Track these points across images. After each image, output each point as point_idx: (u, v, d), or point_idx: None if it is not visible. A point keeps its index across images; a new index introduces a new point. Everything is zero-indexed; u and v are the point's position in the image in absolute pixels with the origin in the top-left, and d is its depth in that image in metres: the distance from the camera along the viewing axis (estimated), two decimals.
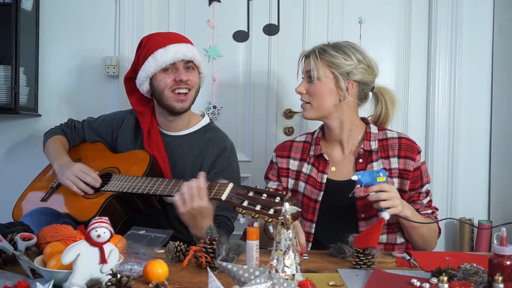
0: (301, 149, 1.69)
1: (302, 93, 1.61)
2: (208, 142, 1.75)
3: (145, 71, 1.66)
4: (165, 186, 1.49)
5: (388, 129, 1.66)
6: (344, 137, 1.62)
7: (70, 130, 1.91)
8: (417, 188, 1.57)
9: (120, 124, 1.85)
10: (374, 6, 2.37)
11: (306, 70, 1.61)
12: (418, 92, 2.38)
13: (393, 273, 1.19)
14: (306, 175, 1.63)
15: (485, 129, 2.35)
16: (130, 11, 2.32)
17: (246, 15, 2.37)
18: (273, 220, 1.19)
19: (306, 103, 1.61)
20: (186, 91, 1.67)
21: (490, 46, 2.34)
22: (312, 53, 1.59)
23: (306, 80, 1.61)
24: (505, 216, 2.17)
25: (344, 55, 1.56)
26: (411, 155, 1.56)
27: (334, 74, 1.56)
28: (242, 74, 2.39)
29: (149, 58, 1.65)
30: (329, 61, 1.55)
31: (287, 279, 0.86)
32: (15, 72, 2.09)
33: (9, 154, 2.36)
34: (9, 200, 2.45)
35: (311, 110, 1.61)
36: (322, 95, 1.57)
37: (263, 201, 1.23)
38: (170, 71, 1.66)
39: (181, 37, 1.72)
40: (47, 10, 2.33)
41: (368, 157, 1.59)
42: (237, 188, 1.31)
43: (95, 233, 1.00)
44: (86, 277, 0.99)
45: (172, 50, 1.64)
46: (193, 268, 1.22)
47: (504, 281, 0.95)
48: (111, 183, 1.62)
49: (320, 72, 1.55)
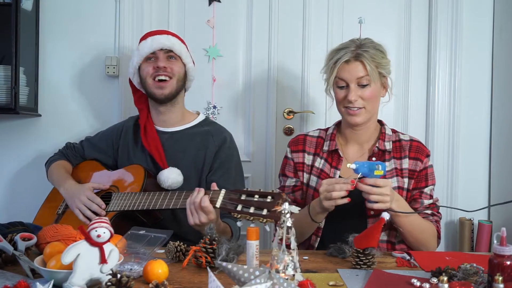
0: (315, 143, 1.69)
1: (356, 100, 1.54)
2: (208, 134, 1.79)
3: (132, 63, 1.80)
4: (166, 200, 1.52)
5: (400, 132, 1.68)
6: (366, 135, 1.63)
7: (70, 151, 1.95)
8: (420, 187, 1.58)
9: (120, 135, 1.89)
10: (374, 6, 2.36)
11: (357, 76, 1.52)
12: (418, 92, 2.38)
13: (393, 273, 1.19)
14: (319, 169, 1.64)
15: (485, 129, 2.35)
16: (130, 11, 2.32)
17: (246, 15, 2.37)
18: (267, 221, 1.20)
19: (361, 108, 1.55)
20: (165, 78, 1.74)
21: (490, 46, 2.34)
22: (363, 57, 1.51)
23: (357, 86, 1.53)
24: (505, 216, 2.17)
25: (383, 53, 1.57)
26: (421, 157, 1.59)
27: (381, 74, 1.56)
28: (242, 74, 2.39)
29: (135, 51, 1.81)
30: (378, 62, 1.54)
31: (287, 279, 0.86)
32: (15, 72, 2.08)
33: (9, 154, 2.35)
34: (9, 200, 2.45)
35: (365, 114, 1.57)
36: (377, 98, 1.58)
37: (256, 203, 1.24)
38: (151, 60, 1.76)
39: (164, 31, 1.83)
40: (47, 10, 2.32)
41: (382, 156, 1.60)
42: (229, 193, 1.33)
43: (95, 233, 1.00)
44: (86, 277, 0.99)
45: (150, 40, 1.75)
46: (193, 268, 1.22)
47: (504, 281, 0.95)
48: (112, 203, 1.65)
49: (375, 75, 1.53)
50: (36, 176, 2.33)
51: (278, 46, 2.37)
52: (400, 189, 1.57)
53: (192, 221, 1.39)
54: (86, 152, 1.93)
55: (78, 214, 1.67)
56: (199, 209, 1.37)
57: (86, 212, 1.66)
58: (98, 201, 1.67)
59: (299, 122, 2.39)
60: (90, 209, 1.66)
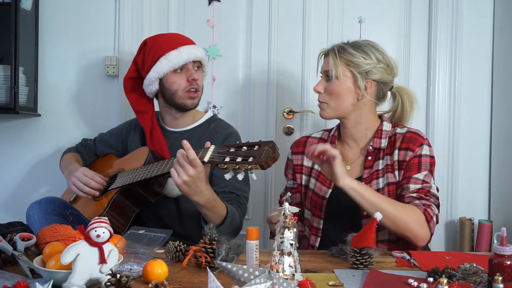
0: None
1: (320, 92, 1.60)
2: (213, 131, 1.80)
3: (157, 72, 1.71)
4: (161, 166, 1.53)
5: (401, 126, 1.63)
6: (359, 135, 1.62)
7: (84, 148, 2.00)
8: (408, 176, 1.50)
9: (129, 131, 1.92)
10: (374, 6, 2.36)
11: (324, 69, 1.60)
12: (418, 92, 2.36)
13: (390, 273, 1.19)
14: (317, 171, 1.64)
15: (485, 129, 2.35)
16: (130, 11, 2.31)
17: (246, 15, 2.37)
18: (252, 167, 1.20)
19: (323, 102, 1.60)
20: (195, 90, 1.74)
21: (490, 46, 2.33)
22: (331, 52, 1.57)
23: (324, 79, 1.60)
24: (505, 216, 2.17)
25: (363, 54, 1.55)
26: (412, 147, 1.52)
27: (353, 73, 1.55)
28: (242, 74, 2.39)
29: (162, 59, 1.69)
30: (348, 59, 1.54)
31: (287, 279, 0.85)
32: (15, 72, 2.08)
33: (9, 154, 2.35)
34: (9, 199, 2.45)
35: (328, 109, 1.60)
36: (340, 94, 1.56)
37: (243, 153, 1.24)
38: (180, 71, 1.72)
39: (189, 39, 1.80)
40: (46, 10, 2.32)
41: (377, 155, 1.58)
42: (218, 148, 1.33)
43: (94, 233, 1.00)
44: (86, 277, 0.99)
45: (185, 51, 1.71)
46: (193, 268, 1.22)
47: (504, 281, 0.94)
48: (116, 181, 1.70)
49: (338, 70, 1.54)
50: (36, 176, 2.34)
51: (278, 46, 2.36)
52: (390, 185, 1.53)
53: (180, 180, 1.34)
54: (98, 148, 1.97)
55: (76, 192, 1.71)
56: (187, 162, 1.34)
57: (84, 189, 1.69)
58: (97, 178, 1.70)
59: (299, 122, 2.38)
60: (88, 186, 1.69)
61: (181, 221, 1.74)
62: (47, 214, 1.58)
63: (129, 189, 1.65)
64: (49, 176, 2.30)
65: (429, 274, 1.13)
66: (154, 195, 1.69)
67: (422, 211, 1.43)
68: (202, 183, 1.38)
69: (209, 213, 1.45)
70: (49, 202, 1.64)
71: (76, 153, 1.98)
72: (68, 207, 1.68)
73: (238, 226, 1.59)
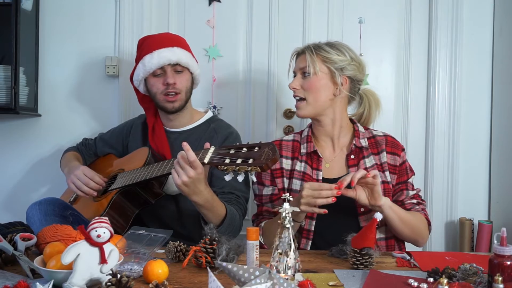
0: (291, 147, 1.69)
1: (296, 88, 1.62)
2: (213, 131, 1.80)
3: (137, 75, 1.76)
4: (161, 167, 1.54)
5: (372, 129, 1.72)
6: (335, 133, 1.66)
7: (84, 148, 2.01)
8: (404, 181, 1.62)
9: (129, 131, 1.92)
10: (374, 6, 2.36)
11: (300, 66, 1.63)
12: (418, 92, 2.38)
13: (390, 274, 1.19)
14: (301, 172, 1.63)
15: (485, 129, 2.35)
16: (130, 11, 2.32)
17: (246, 15, 2.37)
18: (252, 169, 1.20)
19: (302, 99, 1.62)
20: (174, 94, 1.73)
21: (490, 46, 2.34)
22: (307, 49, 1.62)
23: (300, 76, 1.63)
24: (505, 216, 2.17)
25: (338, 51, 1.61)
26: (397, 152, 1.64)
27: (330, 68, 1.60)
28: (242, 74, 2.39)
29: (139, 63, 1.74)
30: (325, 56, 1.60)
31: (287, 279, 0.86)
32: (15, 72, 2.09)
33: (9, 154, 2.35)
34: (9, 199, 2.45)
35: (306, 106, 1.62)
36: (318, 90, 1.60)
37: (243, 155, 1.24)
38: (159, 74, 1.72)
39: (168, 41, 1.75)
40: (47, 10, 2.32)
41: (360, 153, 1.63)
42: (218, 149, 1.33)
43: (95, 233, 1.00)
44: (86, 277, 0.99)
45: (157, 56, 1.70)
46: (193, 268, 1.23)
47: (504, 281, 0.95)
48: (116, 182, 1.70)
49: (316, 66, 1.58)
50: (36, 176, 2.34)
51: (278, 46, 2.36)
52: (385, 183, 1.58)
53: (180, 180, 1.36)
54: (98, 148, 1.98)
55: (75, 190, 1.72)
56: (187, 163, 1.35)
57: (82, 188, 1.69)
58: (96, 179, 1.71)
59: (299, 122, 2.38)
60: (88, 186, 1.69)
61: (181, 221, 1.74)
62: (47, 215, 1.58)
63: (129, 190, 1.65)
64: (49, 176, 2.31)
65: (429, 275, 1.14)
66: (154, 196, 1.69)
67: (424, 216, 1.58)
68: (201, 183, 1.38)
69: (208, 213, 1.46)
70: (49, 203, 1.63)
71: (77, 152, 1.98)
72: (68, 208, 1.68)
73: (238, 226, 1.59)
